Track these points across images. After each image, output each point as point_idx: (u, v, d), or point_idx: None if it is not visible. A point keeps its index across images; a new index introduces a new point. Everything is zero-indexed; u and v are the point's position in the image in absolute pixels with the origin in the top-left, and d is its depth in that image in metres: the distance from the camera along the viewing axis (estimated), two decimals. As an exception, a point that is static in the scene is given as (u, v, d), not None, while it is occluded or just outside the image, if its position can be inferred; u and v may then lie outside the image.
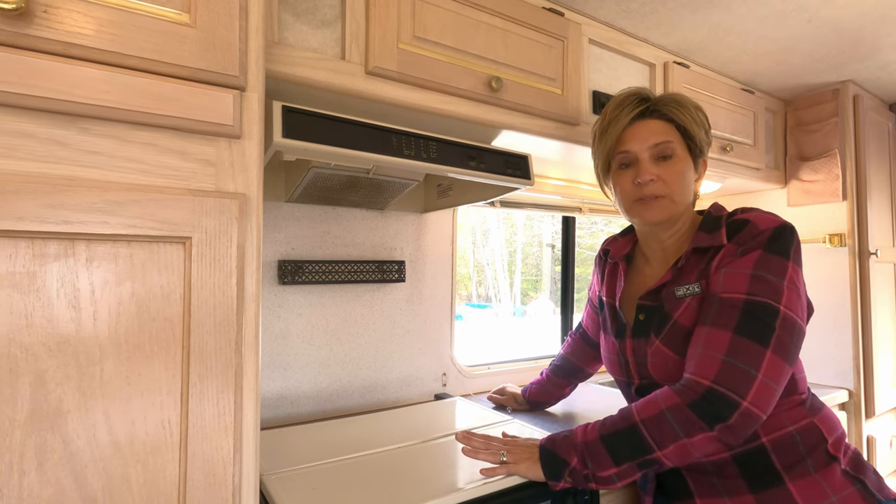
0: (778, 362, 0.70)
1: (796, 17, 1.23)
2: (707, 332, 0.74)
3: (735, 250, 0.77)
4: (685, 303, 0.80)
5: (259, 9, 0.61)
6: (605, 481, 0.74)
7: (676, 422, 0.70)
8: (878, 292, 1.63)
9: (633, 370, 0.88)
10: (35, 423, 0.48)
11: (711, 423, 0.69)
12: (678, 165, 0.84)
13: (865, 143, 1.63)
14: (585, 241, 8.11)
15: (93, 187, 0.50)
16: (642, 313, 0.87)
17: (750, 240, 0.77)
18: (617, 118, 0.85)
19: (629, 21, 1.24)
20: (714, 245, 0.80)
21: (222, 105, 0.57)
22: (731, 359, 0.70)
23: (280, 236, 1.14)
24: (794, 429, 0.77)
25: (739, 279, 0.74)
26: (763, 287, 0.73)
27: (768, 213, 0.80)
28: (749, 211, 0.82)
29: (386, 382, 1.28)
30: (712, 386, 0.69)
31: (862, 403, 1.57)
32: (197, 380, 0.55)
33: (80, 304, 0.50)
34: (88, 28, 0.51)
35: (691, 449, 0.70)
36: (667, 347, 0.81)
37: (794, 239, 0.77)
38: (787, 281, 0.73)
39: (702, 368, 0.71)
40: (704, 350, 0.73)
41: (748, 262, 0.75)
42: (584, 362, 1.18)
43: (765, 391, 0.69)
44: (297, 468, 0.82)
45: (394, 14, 0.87)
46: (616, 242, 1.00)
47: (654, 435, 0.71)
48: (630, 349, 0.88)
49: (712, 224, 0.83)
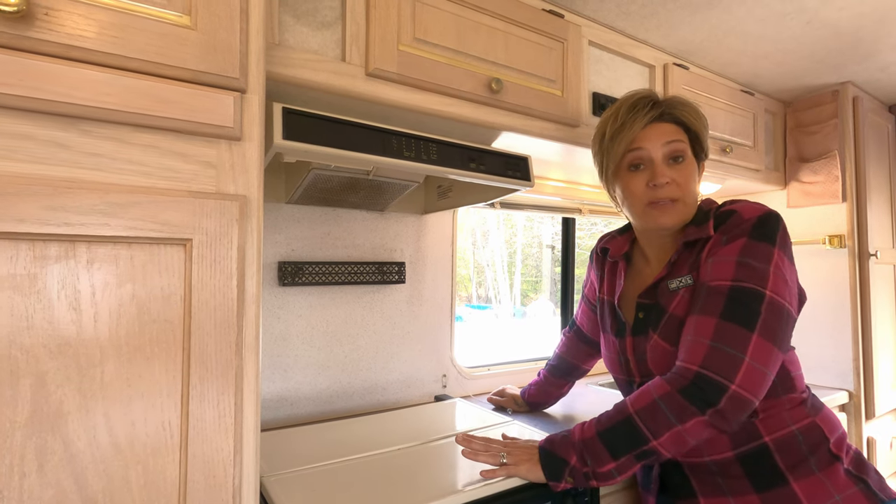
0: (765, 345, 0.70)
1: (795, 18, 1.23)
2: (695, 319, 0.75)
3: (721, 239, 0.79)
4: (678, 295, 0.81)
5: (260, 11, 0.61)
6: (605, 477, 0.74)
7: (669, 409, 0.71)
8: (877, 294, 1.63)
9: (633, 368, 0.88)
10: (35, 425, 0.48)
11: (702, 408, 0.69)
12: (689, 168, 0.85)
13: (865, 144, 1.63)
14: (585, 242, 8.11)
15: (94, 189, 0.50)
16: (642, 311, 0.87)
17: (735, 228, 0.78)
18: (633, 120, 0.84)
19: (629, 23, 1.24)
20: (702, 237, 0.81)
21: (223, 107, 0.58)
22: (718, 343, 0.71)
23: (280, 237, 1.14)
24: (797, 428, 0.77)
25: (725, 266, 0.75)
26: (748, 273, 0.73)
27: (754, 203, 0.81)
28: (736, 202, 0.83)
29: (386, 384, 1.28)
30: (700, 370, 0.70)
31: (862, 405, 1.57)
32: (197, 381, 0.55)
33: (80, 306, 0.50)
34: (89, 30, 0.51)
35: (685, 435, 0.71)
36: (664, 341, 0.81)
37: (780, 225, 0.77)
38: (773, 266, 0.74)
39: (690, 355, 0.72)
40: (693, 337, 0.74)
41: (734, 250, 0.76)
42: (580, 360, 1.18)
43: (753, 374, 0.69)
44: (297, 470, 0.82)
45: (394, 16, 0.87)
46: (614, 241, 1.00)
47: (649, 424, 0.72)
48: (630, 347, 0.88)
49: (701, 217, 0.84)
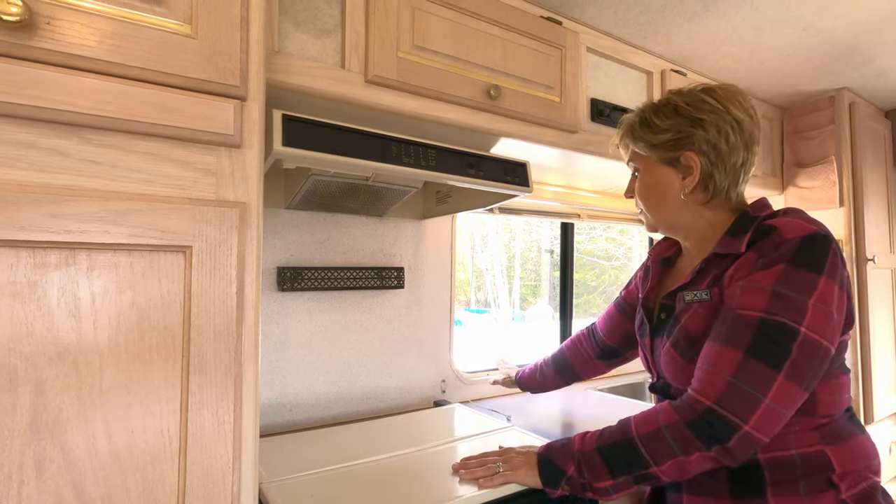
0: (790, 388, 0.65)
1: (792, 25, 1.24)
2: (717, 349, 0.69)
3: (755, 260, 0.70)
4: (692, 309, 0.77)
5: (260, 19, 0.62)
6: (602, 492, 0.73)
7: (673, 439, 0.69)
8: (875, 298, 1.63)
9: (652, 368, 0.88)
10: (34, 433, 0.48)
11: (708, 444, 0.66)
12: (644, 179, 0.86)
13: (861, 149, 1.64)
14: (584, 247, 8.12)
15: (94, 197, 0.50)
16: (664, 312, 0.85)
17: (773, 250, 0.69)
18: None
19: (626, 30, 1.25)
20: (732, 253, 0.74)
21: (223, 115, 0.58)
22: (738, 381, 0.65)
23: (279, 243, 1.14)
24: (797, 453, 0.70)
25: (758, 295, 0.67)
26: (783, 305, 0.66)
27: (800, 220, 0.71)
28: (780, 215, 0.74)
29: (385, 389, 1.28)
30: (712, 406, 0.66)
31: (861, 410, 1.57)
32: (196, 388, 0.55)
33: (80, 314, 0.50)
34: (91, 39, 0.51)
35: (688, 466, 0.69)
36: (674, 350, 0.79)
37: (830, 249, 0.68)
38: (815, 299, 0.65)
39: (705, 386, 0.68)
40: (710, 367, 0.69)
41: (770, 277, 0.68)
42: (579, 364, 1.16)
43: (770, 416, 0.65)
44: (295, 476, 0.82)
45: (393, 23, 0.87)
46: (658, 245, 0.99)
47: (651, 450, 0.70)
48: (648, 346, 0.88)
49: (741, 227, 0.76)
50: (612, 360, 1.13)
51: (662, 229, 0.87)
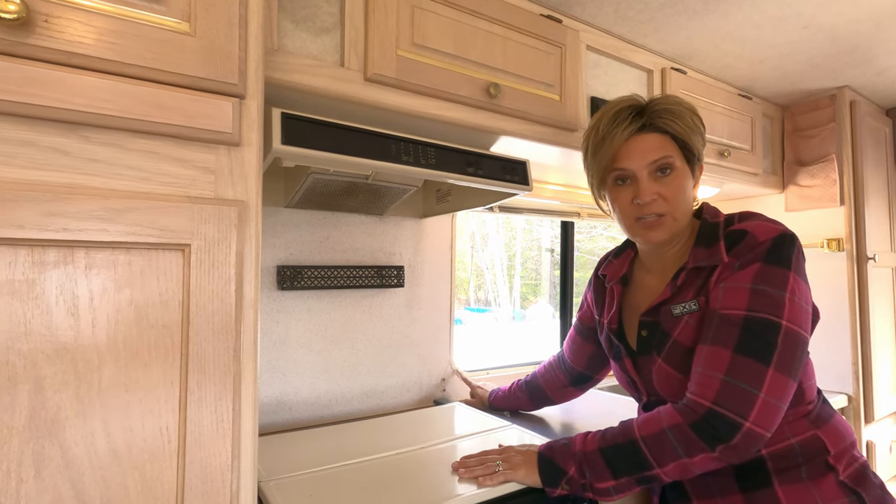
0: (781, 379, 0.68)
1: (792, 23, 1.24)
2: (707, 350, 0.72)
3: (733, 264, 0.75)
4: (683, 321, 0.78)
5: (258, 17, 0.62)
6: (603, 493, 0.73)
7: (677, 441, 0.70)
8: (876, 297, 1.63)
9: (641, 388, 0.87)
10: (33, 431, 0.48)
11: (713, 444, 0.68)
12: (678, 180, 0.79)
13: (862, 148, 1.63)
14: (584, 245, 8.11)
15: (93, 195, 0.50)
16: (645, 329, 0.84)
17: (748, 252, 0.74)
18: (612, 134, 0.79)
19: (626, 28, 1.24)
20: (712, 264, 0.77)
21: (222, 113, 0.58)
22: (731, 378, 0.68)
23: (279, 241, 1.14)
24: (796, 441, 0.75)
25: (739, 294, 0.72)
26: (763, 301, 0.70)
27: (767, 222, 0.76)
28: (748, 219, 0.78)
29: (385, 388, 1.28)
30: (712, 407, 0.68)
31: (861, 408, 1.57)
32: (195, 387, 0.55)
33: (78, 312, 0.50)
34: (89, 37, 0.51)
35: (692, 467, 0.70)
36: (669, 365, 0.79)
37: (795, 247, 0.74)
38: (790, 292, 0.71)
39: (702, 388, 0.70)
40: (704, 370, 0.71)
41: (747, 276, 0.72)
42: (552, 391, 1.15)
43: (768, 410, 0.67)
44: (295, 474, 0.82)
45: (393, 21, 0.87)
46: (611, 265, 0.96)
47: (654, 452, 0.71)
48: (633, 368, 0.87)
49: (709, 236, 0.79)
50: (584, 385, 1.13)
51: (672, 237, 0.82)
